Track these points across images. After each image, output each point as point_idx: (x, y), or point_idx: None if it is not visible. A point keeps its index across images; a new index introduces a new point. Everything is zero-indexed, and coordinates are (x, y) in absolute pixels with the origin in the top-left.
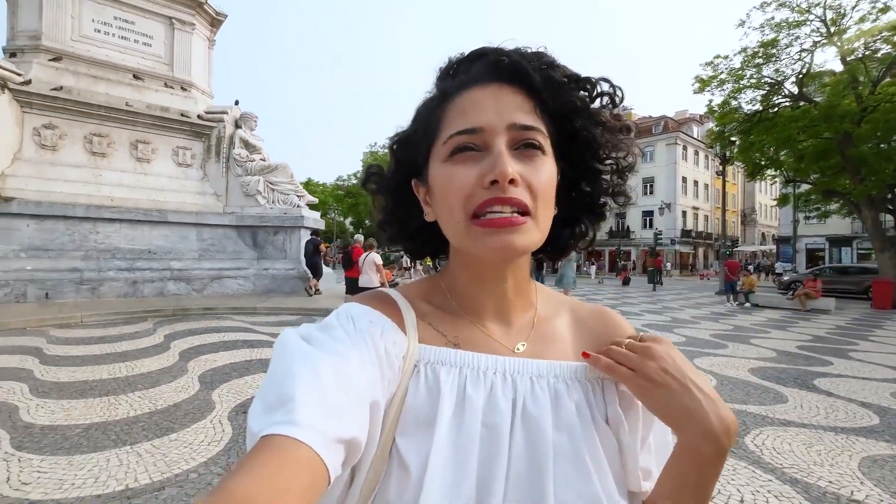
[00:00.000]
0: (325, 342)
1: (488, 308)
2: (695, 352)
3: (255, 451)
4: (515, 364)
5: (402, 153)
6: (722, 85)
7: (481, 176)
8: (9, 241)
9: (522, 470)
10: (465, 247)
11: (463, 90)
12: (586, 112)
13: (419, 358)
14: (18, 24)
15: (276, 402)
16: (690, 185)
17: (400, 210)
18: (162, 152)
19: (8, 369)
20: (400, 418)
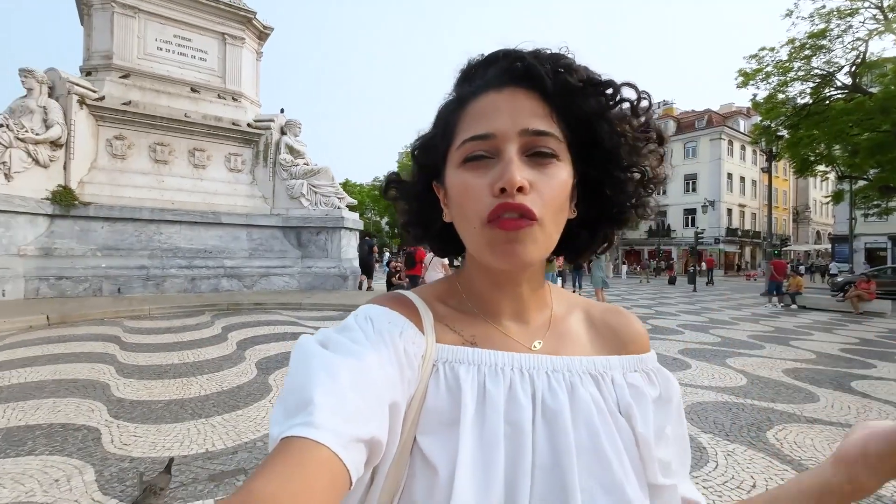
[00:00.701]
0: (343, 344)
1: (505, 309)
2: (728, 352)
3: (275, 453)
4: (531, 360)
5: (423, 157)
6: (768, 78)
7: (492, 184)
8: (87, 242)
9: (547, 463)
10: (477, 255)
11: (479, 94)
12: (604, 118)
13: (437, 357)
14: (93, 45)
15: (295, 407)
16: (736, 181)
17: (423, 212)
18: (216, 159)
19: (95, 353)
20: (420, 418)
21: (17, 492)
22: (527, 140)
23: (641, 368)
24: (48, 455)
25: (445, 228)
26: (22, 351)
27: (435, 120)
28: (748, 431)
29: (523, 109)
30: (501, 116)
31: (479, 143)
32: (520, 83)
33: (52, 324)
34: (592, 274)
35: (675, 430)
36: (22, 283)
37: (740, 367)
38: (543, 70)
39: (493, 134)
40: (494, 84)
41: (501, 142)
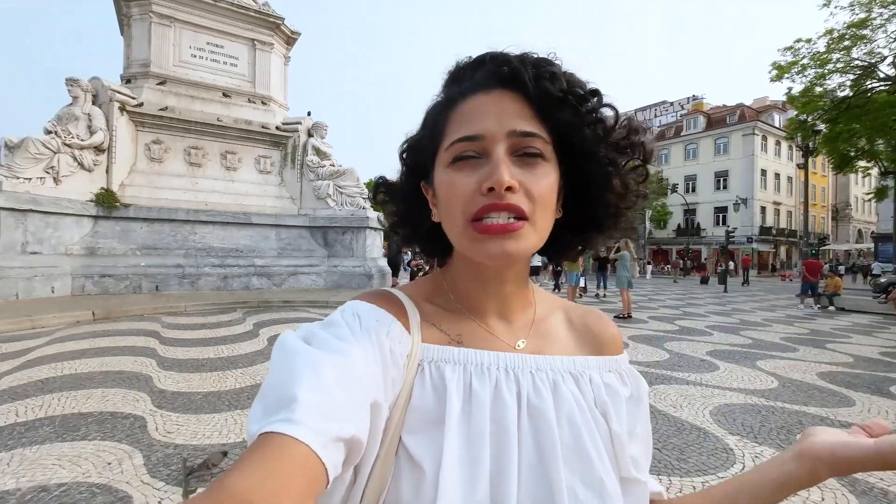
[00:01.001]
0: (327, 340)
1: (490, 307)
2: (758, 354)
3: (252, 448)
4: (516, 359)
5: (411, 157)
6: (804, 71)
7: (479, 183)
8: (128, 241)
9: (532, 461)
10: (465, 251)
11: (467, 96)
12: (581, 128)
13: (423, 357)
14: (132, 54)
15: (276, 404)
16: (771, 178)
17: (412, 213)
18: (246, 161)
19: (138, 347)
20: (406, 417)
21: (76, 473)
22: (514, 141)
23: (615, 369)
24: (100, 440)
25: (434, 229)
26: (72, 344)
27: (423, 121)
28: (778, 434)
29: (510, 111)
30: (489, 118)
31: (467, 143)
32: (506, 86)
33: (97, 319)
34: (617, 274)
35: (644, 428)
36: (69, 280)
37: (771, 369)
38: (527, 75)
39: (481, 135)
40: (483, 86)
41: (490, 143)
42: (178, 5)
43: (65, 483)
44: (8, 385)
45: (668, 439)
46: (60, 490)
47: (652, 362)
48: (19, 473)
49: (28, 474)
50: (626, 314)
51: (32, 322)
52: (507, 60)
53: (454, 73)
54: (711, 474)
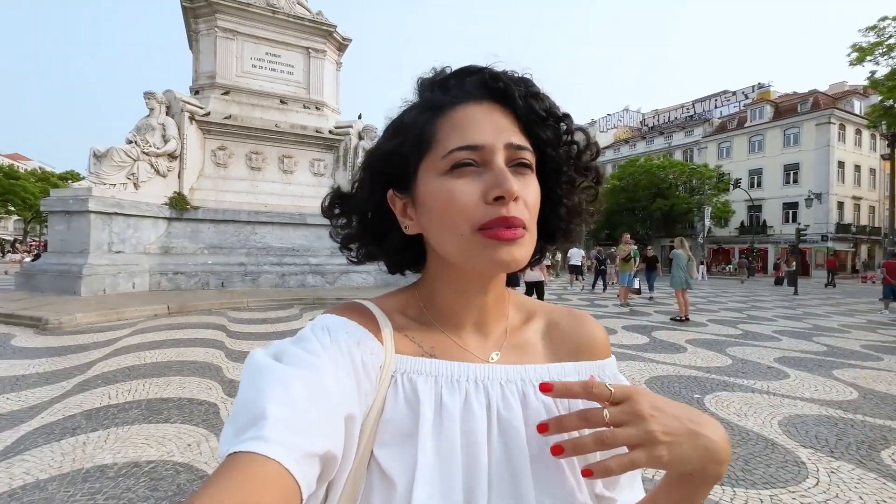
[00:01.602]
0: (297, 356)
1: (467, 320)
2: (835, 362)
3: (220, 469)
4: (486, 370)
5: (384, 165)
6: (889, 52)
7: (485, 191)
8: (197, 241)
9: (503, 473)
10: (466, 259)
11: (458, 105)
12: (557, 148)
13: (396, 368)
14: (200, 67)
15: (246, 423)
16: (849, 170)
17: (376, 226)
18: (301, 164)
19: (208, 340)
20: (378, 430)
21: (161, 452)
22: (511, 153)
23: (596, 375)
24: (180, 423)
25: (404, 241)
26: (152, 335)
27: (398, 127)
28: (858, 449)
29: (503, 124)
30: (486, 129)
31: (469, 152)
32: (497, 99)
33: (172, 313)
34: (672, 274)
35: None
36: (147, 277)
37: (850, 379)
38: (518, 92)
39: (482, 145)
40: (474, 96)
41: (490, 153)
42: (240, 19)
43: (153, 461)
44: (101, 371)
45: (731, 449)
46: (150, 466)
47: (713, 368)
48: (115, 450)
49: (122, 451)
50: (683, 317)
51: (118, 314)
52: (499, 75)
53: (436, 81)
54: (780, 487)
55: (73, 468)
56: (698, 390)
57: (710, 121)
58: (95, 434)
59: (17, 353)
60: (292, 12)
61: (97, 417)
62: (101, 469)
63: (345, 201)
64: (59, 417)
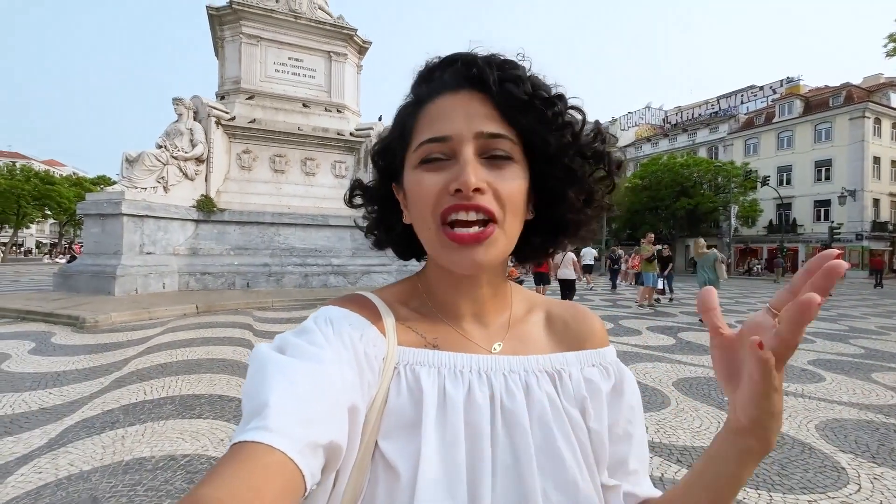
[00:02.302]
0: (300, 348)
1: (466, 311)
2: (873, 365)
3: (225, 458)
4: (490, 361)
5: (382, 159)
6: None
7: (447, 183)
8: (223, 242)
9: (508, 463)
10: (437, 257)
11: (435, 97)
12: (544, 132)
13: (399, 360)
14: (225, 73)
15: (249, 414)
16: (886, 166)
17: (385, 215)
18: (323, 167)
19: (235, 338)
20: (382, 421)
21: (196, 446)
22: (482, 142)
23: (599, 363)
24: (213, 419)
25: (406, 231)
26: (182, 333)
27: (393, 121)
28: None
29: (477, 112)
30: (457, 119)
31: (435, 145)
32: (474, 87)
33: (200, 312)
34: (698, 274)
35: (631, 428)
36: (176, 277)
37: (891, 383)
38: (491, 78)
39: (449, 136)
40: (450, 86)
41: (457, 144)
42: (263, 25)
43: (188, 454)
44: (136, 368)
45: None
46: (185, 460)
47: None
48: (152, 443)
49: (159, 445)
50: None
51: (150, 314)
52: (474, 61)
53: (423, 74)
54: (820, 493)
55: (113, 460)
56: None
57: (736, 117)
58: (133, 428)
59: (58, 350)
60: (314, 17)
61: (134, 412)
62: (139, 462)
63: (365, 191)
64: (99, 412)
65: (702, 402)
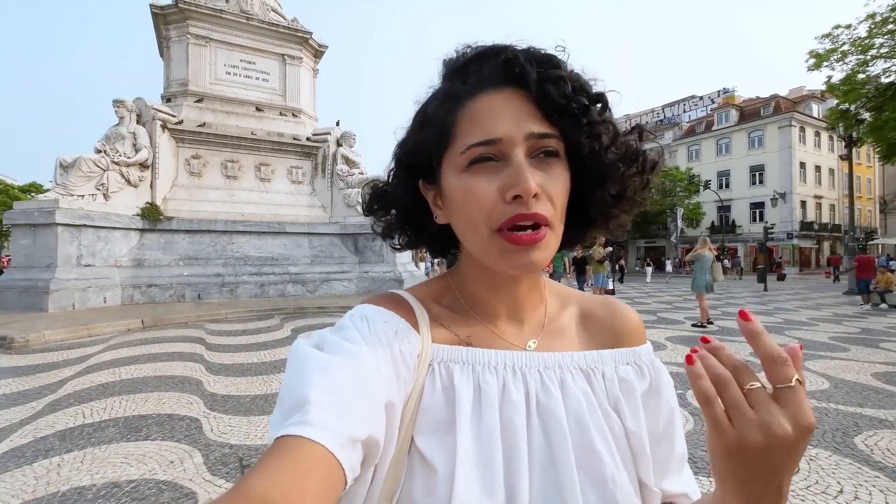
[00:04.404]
0: (338, 345)
1: (500, 310)
2: (806, 354)
3: (269, 451)
4: (524, 358)
5: (411, 158)
6: (844, 58)
7: (503, 190)
8: (171, 252)
9: (544, 460)
10: (487, 260)
11: (476, 94)
12: (582, 131)
13: (433, 357)
14: (171, 74)
15: (291, 408)
16: (811, 170)
17: (413, 215)
18: (279, 172)
19: (186, 353)
20: (417, 418)
21: (142, 470)
22: (533, 143)
23: (634, 361)
24: (161, 440)
25: (440, 230)
26: (125, 350)
27: (422, 118)
28: (833, 437)
29: (524, 111)
30: (504, 120)
31: (485, 148)
32: (517, 84)
33: (146, 327)
34: (694, 277)
35: (672, 429)
36: (119, 290)
37: (821, 370)
38: (532, 77)
39: (499, 139)
40: (492, 83)
41: (508, 146)
42: (212, 25)
43: (134, 480)
44: (73, 389)
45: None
46: (131, 486)
47: None
48: (92, 471)
49: (100, 471)
50: (705, 322)
51: (89, 330)
52: (516, 58)
53: (456, 67)
54: None
55: (47, 492)
56: (680, 386)
57: (680, 125)
58: (70, 455)
59: None
60: (266, 19)
61: (71, 438)
62: (78, 491)
63: (383, 196)
64: (31, 440)
65: None
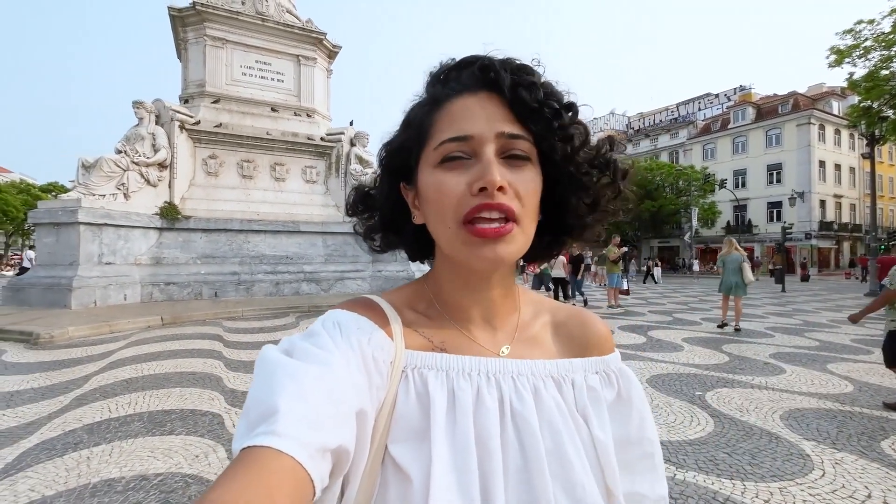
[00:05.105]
0: (308, 351)
1: (474, 314)
2: (828, 357)
3: (234, 463)
4: (498, 364)
5: (393, 160)
6: (867, 54)
7: (470, 183)
8: (189, 251)
9: (518, 466)
10: (456, 254)
11: (453, 97)
12: (553, 138)
13: (407, 363)
14: (189, 76)
15: (258, 418)
16: (830, 169)
17: (393, 216)
18: (293, 172)
19: (205, 350)
20: (392, 425)
21: (169, 464)
22: (503, 143)
23: (603, 370)
24: (185, 435)
25: (416, 231)
26: (146, 347)
27: (405, 122)
28: (859, 440)
29: (497, 114)
30: (478, 119)
31: (457, 144)
32: (492, 89)
33: (166, 324)
34: (723, 279)
35: (638, 433)
36: (139, 288)
37: (844, 372)
38: (506, 83)
39: (471, 136)
40: (470, 87)
41: (479, 144)
42: (229, 27)
43: (161, 473)
44: (98, 384)
45: (736, 443)
46: (158, 479)
47: (711, 365)
48: (121, 463)
49: (128, 464)
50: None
51: (110, 327)
52: (491, 65)
53: (438, 75)
54: (788, 479)
55: (79, 483)
56: (699, 387)
57: (695, 123)
58: (99, 448)
59: (10, 369)
60: (282, 20)
61: (99, 431)
62: (108, 483)
63: (366, 198)
64: (60, 433)
65: (675, 398)
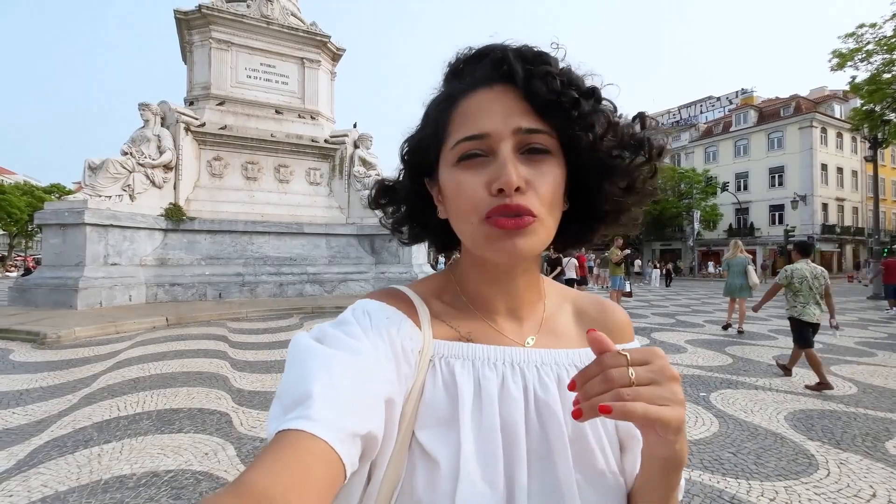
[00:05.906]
0: (339, 339)
1: (499, 305)
2: (832, 359)
3: (270, 445)
4: (522, 354)
5: (414, 157)
6: (869, 57)
7: (488, 183)
8: (193, 252)
9: (542, 454)
10: (478, 249)
11: (468, 92)
12: (580, 123)
13: (434, 353)
14: (194, 78)
15: (292, 402)
16: (832, 172)
17: (417, 211)
18: (297, 174)
19: (210, 350)
20: (419, 413)
21: (179, 461)
22: (520, 138)
23: None
24: (194, 433)
25: (441, 224)
26: (152, 347)
27: (424, 118)
28: (863, 441)
29: (514, 108)
30: (494, 115)
31: (473, 142)
32: (508, 81)
33: (171, 324)
34: (727, 281)
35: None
36: (144, 289)
37: (848, 375)
38: (522, 74)
39: (487, 133)
40: (484, 82)
41: (496, 141)
42: (234, 30)
43: (171, 470)
44: (106, 383)
45: (741, 443)
46: (169, 476)
47: (714, 367)
48: (131, 460)
49: (139, 461)
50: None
51: (116, 327)
52: (506, 56)
53: (454, 68)
54: (793, 479)
55: (91, 479)
56: (703, 388)
57: (696, 126)
58: (109, 445)
59: (18, 368)
60: (286, 23)
61: (108, 429)
62: (119, 479)
63: (389, 192)
64: (70, 430)
65: None
